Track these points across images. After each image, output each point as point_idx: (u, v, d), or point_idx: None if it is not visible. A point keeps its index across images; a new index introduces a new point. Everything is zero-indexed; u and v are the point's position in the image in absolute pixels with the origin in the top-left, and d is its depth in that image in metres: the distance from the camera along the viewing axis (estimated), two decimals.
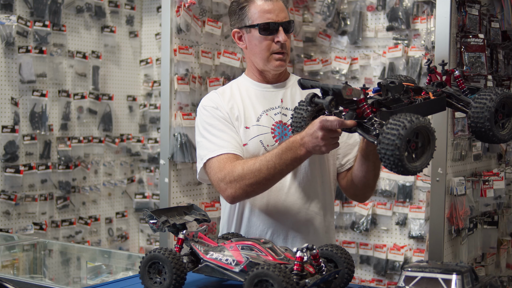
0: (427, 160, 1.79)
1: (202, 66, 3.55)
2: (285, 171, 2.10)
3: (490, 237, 3.34)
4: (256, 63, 2.33)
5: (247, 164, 2.12)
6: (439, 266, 1.62)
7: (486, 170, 3.39)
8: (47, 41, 4.28)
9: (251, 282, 1.66)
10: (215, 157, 2.21)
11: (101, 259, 3.13)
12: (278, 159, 2.06)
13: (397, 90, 1.93)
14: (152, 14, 5.02)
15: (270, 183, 2.14)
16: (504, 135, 1.92)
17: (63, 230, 4.45)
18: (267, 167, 2.08)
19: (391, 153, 1.69)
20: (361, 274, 4.16)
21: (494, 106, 1.86)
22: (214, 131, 2.26)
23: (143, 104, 5.03)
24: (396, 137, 1.68)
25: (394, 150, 1.69)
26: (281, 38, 2.24)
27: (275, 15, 2.24)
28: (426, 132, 1.76)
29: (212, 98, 2.35)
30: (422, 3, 3.95)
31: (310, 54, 4.41)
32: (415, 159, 1.77)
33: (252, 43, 2.29)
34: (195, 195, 3.51)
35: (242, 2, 2.30)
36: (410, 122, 1.69)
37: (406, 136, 1.69)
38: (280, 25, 2.25)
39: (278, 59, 2.27)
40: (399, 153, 1.69)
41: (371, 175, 2.27)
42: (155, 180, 4.94)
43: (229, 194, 2.17)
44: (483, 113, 1.86)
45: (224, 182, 2.16)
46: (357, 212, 4.16)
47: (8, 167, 4.06)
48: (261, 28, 2.25)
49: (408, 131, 1.69)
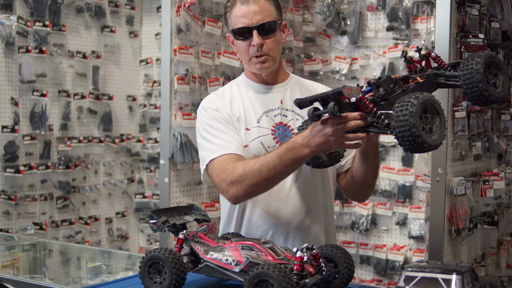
0: (442, 131, 1.82)
1: (202, 66, 3.55)
2: (286, 172, 2.09)
3: (490, 237, 3.35)
4: (245, 66, 2.38)
5: (248, 164, 2.12)
6: (439, 266, 1.62)
7: (486, 170, 3.39)
8: (47, 41, 4.28)
9: (251, 282, 1.66)
10: (217, 158, 2.20)
11: (101, 259, 3.13)
12: (278, 159, 2.06)
13: (387, 83, 1.95)
14: (152, 14, 5.02)
15: (271, 184, 2.14)
16: (500, 92, 1.96)
17: (63, 230, 4.45)
18: (268, 168, 2.07)
19: (409, 133, 1.72)
20: (361, 274, 4.16)
21: (482, 67, 1.89)
22: (215, 132, 2.26)
23: (143, 104, 5.03)
24: (409, 116, 1.71)
25: (411, 128, 1.71)
26: (255, 42, 2.23)
27: (248, 19, 2.24)
28: (433, 105, 1.80)
29: (212, 100, 2.35)
30: (422, 3, 3.95)
31: (310, 54, 4.41)
32: (432, 134, 1.80)
33: (237, 48, 2.33)
34: (195, 195, 3.51)
35: (226, 8, 2.33)
36: (416, 99, 1.73)
37: (417, 112, 1.72)
38: (254, 28, 2.23)
39: (258, 62, 2.27)
40: (417, 130, 1.71)
41: (371, 174, 2.27)
42: (155, 180, 4.94)
43: (231, 194, 2.16)
44: (473, 77, 1.89)
45: (225, 182, 2.15)
46: (357, 212, 4.16)
47: (8, 167, 4.06)
48: (236, 33, 2.27)
49: (417, 107, 1.72)
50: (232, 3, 2.29)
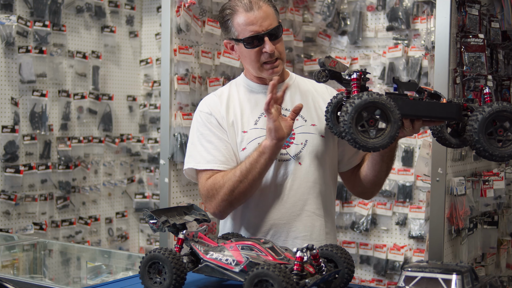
0: (387, 135, 1.87)
1: (202, 66, 3.55)
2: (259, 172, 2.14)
3: (490, 237, 3.35)
4: (250, 71, 2.33)
5: (226, 175, 2.18)
6: (439, 266, 1.62)
7: (486, 170, 3.39)
8: (47, 41, 4.28)
9: (251, 282, 1.66)
10: (201, 170, 2.26)
11: (101, 259, 3.12)
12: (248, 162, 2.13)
13: (408, 87, 1.96)
14: (152, 14, 5.02)
15: (249, 187, 2.17)
16: (506, 150, 1.91)
17: (63, 230, 4.45)
18: (241, 173, 2.13)
19: (344, 127, 1.84)
20: (361, 274, 4.16)
21: (480, 130, 1.87)
22: (203, 141, 2.27)
23: (143, 104, 5.03)
24: (345, 112, 1.83)
25: (345, 125, 1.83)
26: (268, 48, 2.19)
27: (258, 26, 2.19)
28: (381, 108, 1.85)
29: (208, 103, 2.34)
30: (422, 3, 3.95)
31: (310, 54, 4.41)
32: (378, 135, 1.87)
33: (243, 55, 2.28)
34: (195, 195, 3.52)
35: (225, 16, 2.25)
36: (359, 98, 1.83)
37: (351, 113, 1.82)
38: (265, 35, 2.20)
39: (270, 67, 2.25)
40: (350, 129, 1.83)
41: (383, 174, 2.28)
42: (155, 180, 4.94)
43: (212, 208, 2.24)
44: (472, 136, 1.89)
45: (206, 197, 2.23)
46: (357, 212, 4.16)
47: (8, 167, 4.06)
48: (246, 43, 2.21)
49: (353, 108, 1.82)
50: (233, 11, 2.22)
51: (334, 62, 1.89)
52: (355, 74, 1.93)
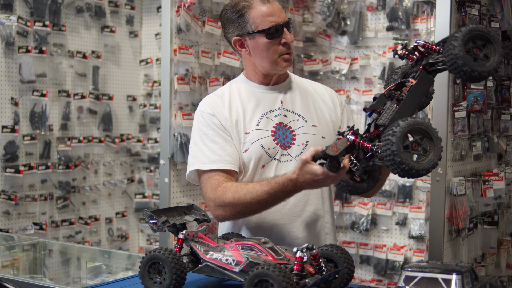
0: (436, 151, 1.80)
1: (202, 66, 3.55)
2: (275, 203, 2.14)
3: (490, 237, 3.35)
4: (263, 67, 2.30)
5: (237, 194, 2.13)
6: (439, 266, 1.62)
7: (486, 170, 3.39)
8: (47, 41, 4.28)
9: (251, 282, 1.66)
10: (206, 171, 2.23)
11: (101, 259, 3.12)
12: (268, 195, 2.08)
13: (381, 103, 1.94)
14: (152, 14, 5.02)
15: (259, 212, 2.18)
16: (491, 64, 1.89)
17: (63, 230, 4.45)
18: (258, 202, 2.10)
19: (393, 161, 1.73)
20: (361, 274, 4.16)
21: (461, 50, 1.83)
22: (207, 141, 2.26)
23: (143, 104, 5.03)
24: (390, 145, 1.73)
25: (394, 157, 1.73)
26: (288, 39, 2.24)
27: (277, 17, 2.22)
28: (421, 129, 1.79)
29: (210, 103, 2.33)
30: (422, 3, 3.95)
31: (310, 54, 4.41)
32: (425, 156, 1.80)
33: (258, 49, 2.25)
34: (195, 195, 3.51)
35: (240, 9, 2.24)
36: (397, 126, 1.75)
37: (398, 140, 1.73)
38: (284, 25, 2.23)
39: (287, 59, 2.27)
40: (400, 158, 1.73)
41: (385, 177, 2.31)
42: (155, 180, 4.94)
43: (218, 215, 2.22)
44: (455, 63, 1.84)
45: (214, 203, 2.20)
46: (357, 212, 4.16)
47: (8, 167, 4.06)
48: (268, 33, 2.21)
49: (398, 135, 1.73)
50: (249, 4, 2.23)
51: (334, 147, 1.86)
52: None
